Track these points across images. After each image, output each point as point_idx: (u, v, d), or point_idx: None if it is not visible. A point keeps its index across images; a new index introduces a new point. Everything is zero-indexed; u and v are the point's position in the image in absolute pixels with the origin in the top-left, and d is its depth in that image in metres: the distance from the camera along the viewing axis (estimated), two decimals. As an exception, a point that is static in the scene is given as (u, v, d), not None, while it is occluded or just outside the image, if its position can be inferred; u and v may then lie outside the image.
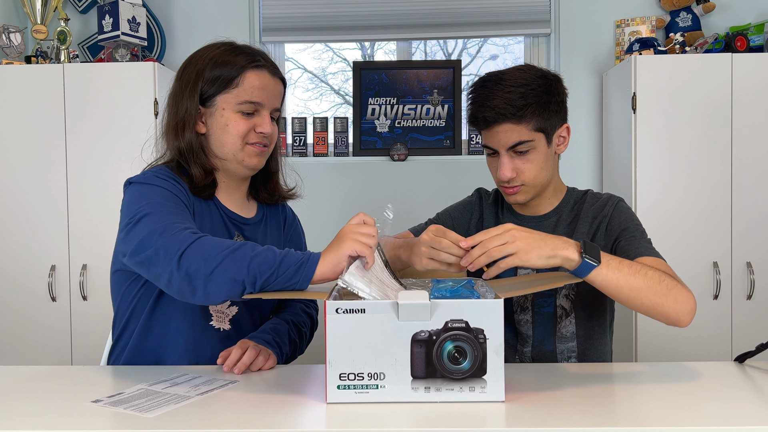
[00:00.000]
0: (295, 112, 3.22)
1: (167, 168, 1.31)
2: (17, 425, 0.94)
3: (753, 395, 1.06)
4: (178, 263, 1.06)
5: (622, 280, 1.14)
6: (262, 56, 1.34)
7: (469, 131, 3.00)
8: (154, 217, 1.14)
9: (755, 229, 2.49)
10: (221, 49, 1.33)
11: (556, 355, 1.42)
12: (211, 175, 1.34)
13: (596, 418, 0.96)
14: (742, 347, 1.61)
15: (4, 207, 2.55)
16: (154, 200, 1.19)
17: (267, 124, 1.32)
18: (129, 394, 1.05)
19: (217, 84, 1.30)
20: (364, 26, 3.03)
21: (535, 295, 1.42)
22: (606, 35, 2.93)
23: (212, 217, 1.35)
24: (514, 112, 1.29)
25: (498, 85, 1.31)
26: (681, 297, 1.17)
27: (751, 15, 2.86)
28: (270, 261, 1.05)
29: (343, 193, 2.96)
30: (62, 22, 2.73)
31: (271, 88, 1.33)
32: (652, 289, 1.15)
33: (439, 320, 0.98)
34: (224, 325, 1.34)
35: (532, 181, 1.37)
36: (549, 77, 1.36)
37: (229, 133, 1.31)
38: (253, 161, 1.34)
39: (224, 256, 1.05)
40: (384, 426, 0.92)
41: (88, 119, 2.53)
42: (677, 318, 1.18)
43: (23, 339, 2.54)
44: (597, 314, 1.43)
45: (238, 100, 1.30)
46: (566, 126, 1.40)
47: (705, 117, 2.49)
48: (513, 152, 1.34)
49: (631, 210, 1.43)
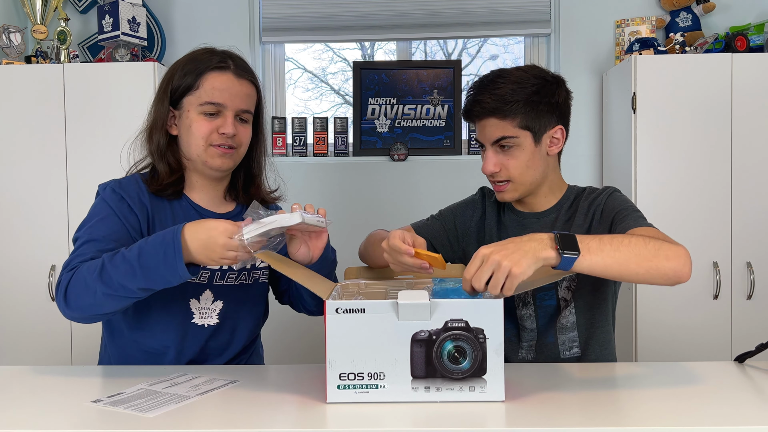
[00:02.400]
0: (295, 112, 3.22)
1: (133, 178, 1.37)
2: (17, 425, 0.94)
3: (753, 395, 1.06)
4: (65, 300, 1.21)
5: (608, 259, 1.11)
6: (232, 59, 1.36)
7: (470, 131, 3.00)
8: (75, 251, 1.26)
9: (755, 229, 2.49)
10: (193, 54, 1.36)
11: (558, 346, 1.42)
12: (177, 173, 1.37)
13: (596, 418, 0.96)
14: (742, 347, 1.61)
15: (4, 206, 2.55)
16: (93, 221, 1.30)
17: (229, 126, 1.32)
18: (129, 394, 1.06)
19: (183, 86, 1.33)
20: (364, 26, 3.03)
21: (536, 289, 1.42)
22: (606, 35, 2.93)
23: (185, 215, 1.36)
24: (499, 107, 1.34)
25: (492, 82, 1.36)
26: (671, 253, 1.14)
27: (751, 15, 2.86)
28: (131, 261, 1.15)
29: (343, 193, 2.96)
30: (62, 22, 2.73)
31: (234, 90, 1.33)
32: (639, 255, 1.12)
33: (439, 320, 0.98)
34: (210, 321, 1.36)
35: (518, 178, 1.38)
36: (547, 78, 1.38)
37: (192, 134, 1.33)
38: (216, 162, 1.34)
39: (95, 283, 1.16)
40: (384, 426, 0.92)
41: (88, 119, 2.53)
42: (675, 274, 1.14)
43: (23, 339, 2.54)
44: (598, 302, 1.43)
45: (199, 101, 1.32)
46: (560, 128, 1.40)
47: (705, 117, 2.49)
48: (498, 147, 1.37)
49: (626, 197, 1.42)
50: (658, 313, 2.46)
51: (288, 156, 3.00)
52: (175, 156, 1.37)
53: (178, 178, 1.38)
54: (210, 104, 1.31)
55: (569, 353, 1.42)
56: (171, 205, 1.37)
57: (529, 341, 1.44)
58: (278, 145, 2.99)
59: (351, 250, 1.61)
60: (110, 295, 1.16)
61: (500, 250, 1.05)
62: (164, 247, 1.13)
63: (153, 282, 1.15)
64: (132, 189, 1.35)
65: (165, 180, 1.35)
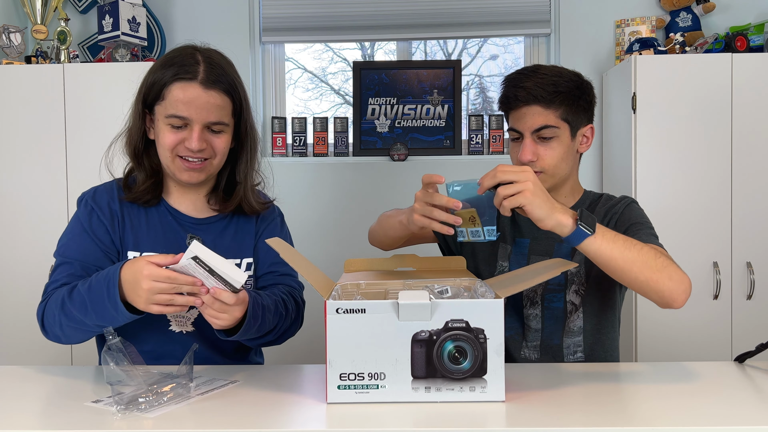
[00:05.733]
0: (295, 112, 3.22)
1: (109, 185, 1.37)
2: (17, 425, 0.94)
3: (753, 395, 1.06)
4: (43, 328, 1.26)
5: (616, 252, 1.13)
6: (206, 63, 1.26)
7: (470, 132, 3.00)
8: (51, 273, 1.30)
9: (755, 229, 2.49)
10: (169, 56, 1.30)
11: (562, 350, 1.42)
12: (153, 178, 1.33)
13: (596, 417, 0.96)
14: (742, 347, 1.61)
15: (4, 206, 2.55)
16: (67, 238, 1.33)
17: (194, 141, 1.24)
18: (129, 394, 1.05)
19: (152, 94, 1.28)
20: (364, 26, 3.03)
21: (545, 289, 1.42)
22: (606, 35, 2.93)
23: (161, 221, 1.34)
24: (544, 96, 1.34)
25: (534, 72, 1.37)
26: (676, 275, 1.16)
27: (751, 15, 2.86)
28: (83, 295, 1.16)
29: (343, 193, 2.96)
30: (62, 22, 2.73)
31: (200, 102, 1.24)
32: (646, 263, 1.14)
33: (440, 320, 0.98)
34: (186, 328, 1.34)
35: (551, 169, 1.38)
36: (583, 78, 1.42)
37: (160, 144, 1.29)
38: (184, 176, 1.29)
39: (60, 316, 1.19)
40: (384, 426, 0.92)
41: (88, 119, 2.53)
42: (671, 296, 1.16)
43: (23, 339, 2.54)
44: (606, 309, 1.44)
45: (165, 113, 1.26)
46: (591, 126, 1.44)
47: (705, 117, 2.49)
48: (537, 137, 1.37)
49: (643, 211, 1.44)
50: (658, 313, 2.46)
51: (288, 156, 3.00)
52: (152, 160, 1.33)
53: (156, 184, 1.34)
54: (175, 117, 1.25)
55: (573, 357, 1.42)
56: (146, 211, 1.34)
57: (533, 341, 1.44)
58: (278, 145, 2.99)
59: (351, 249, 1.61)
60: (75, 328, 1.20)
61: (536, 181, 1.10)
62: (106, 284, 1.13)
63: (104, 319, 1.14)
64: (103, 198, 1.33)
65: (140, 186, 1.32)
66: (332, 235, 2.94)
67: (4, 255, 2.56)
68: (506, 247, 1.48)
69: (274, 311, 1.25)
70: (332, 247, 2.91)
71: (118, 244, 1.32)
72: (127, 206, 1.34)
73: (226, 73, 1.28)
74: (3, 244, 2.56)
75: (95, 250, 1.29)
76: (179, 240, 1.34)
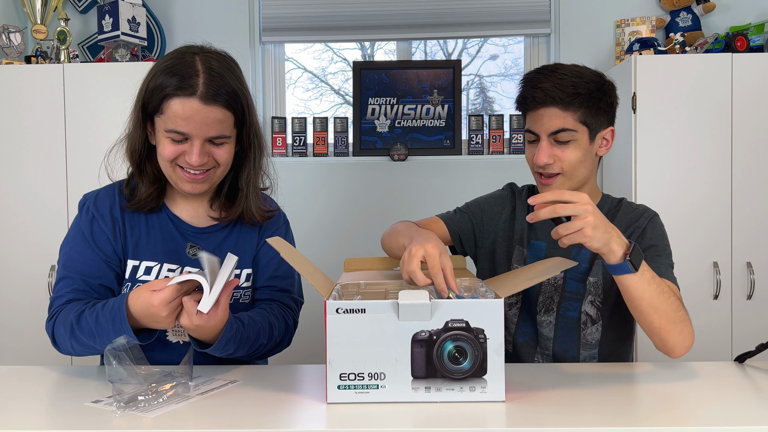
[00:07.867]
0: (295, 112, 3.22)
1: (111, 190, 1.35)
2: (17, 425, 0.94)
3: (753, 395, 1.06)
4: (55, 344, 1.27)
5: (647, 294, 1.16)
6: (206, 74, 1.20)
7: (470, 132, 3.00)
8: (55, 287, 1.30)
9: (755, 229, 2.49)
10: (170, 59, 1.24)
11: (579, 362, 1.40)
12: (155, 184, 1.32)
13: (596, 417, 0.96)
14: (742, 347, 1.61)
15: (4, 207, 2.55)
16: (69, 247, 1.31)
17: (194, 155, 1.21)
18: (129, 394, 1.05)
19: (152, 104, 1.23)
20: (364, 26, 3.03)
21: (562, 297, 1.41)
22: (606, 35, 2.93)
23: (162, 228, 1.33)
24: (563, 98, 1.30)
25: (554, 72, 1.32)
26: (686, 332, 1.21)
27: (751, 15, 2.86)
28: (91, 326, 1.17)
29: (343, 193, 2.96)
30: (62, 22, 2.73)
31: (200, 118, 1.19)
32: (667, 315, 1.18)
33: (440, 320, 0.98)
34: (183, 338, 1.33)
35: (569, 172, 1.35)
36: (605, 79, 1.37)
37: (160, 155, 1.26)
38: (186, 187, 1.27)
39: (70, 340, 1.21)
40: (384, 426, 0.92)
41: (88, 119, 2.53)
42: (673, 348, 1.21)
43: (23, 339, 2.54)
44: (623, 321, 1.42)
45: (164, 126, 1.22)
46: (611, 129, 1.39)
47: (705, 117, 2.49)
48: (554, 139, 1.33)
49: (664, 228, 1.42)
50: (658, 313, 2.46)
51: (288, 156, 3.00)
52: (155, 166, 1.31)
53: (158, 191, 1.33)
54: (174, 132, 1.21)
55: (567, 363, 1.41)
56: (147, 218, 1.33)
57: (545, 349, 1.42)
58: (278, 145, 2.99)
59: (351, 249, 1.61)
60: (86, 350, 1.22)
61: (595, 212, 1.09)
62: (113, 316, 1.15)
63: None
64: (105, 204, 1.32)
65: (143, 195, 1.31)
66: (332, 235, 2.94)
67: (3, 254, 2.56)
68: (522, 250, 1.46)
69: (254, 340, 1.25)
70: (332, 246, 2.91)
71: (120, 253, 1.31)
72: (128, 212, 1.33)
73: (227, 82, 1.22)
74: (3, 243, 2.56)
75: (97, 262, 1.29)
76: (179, 249, 1.33)
